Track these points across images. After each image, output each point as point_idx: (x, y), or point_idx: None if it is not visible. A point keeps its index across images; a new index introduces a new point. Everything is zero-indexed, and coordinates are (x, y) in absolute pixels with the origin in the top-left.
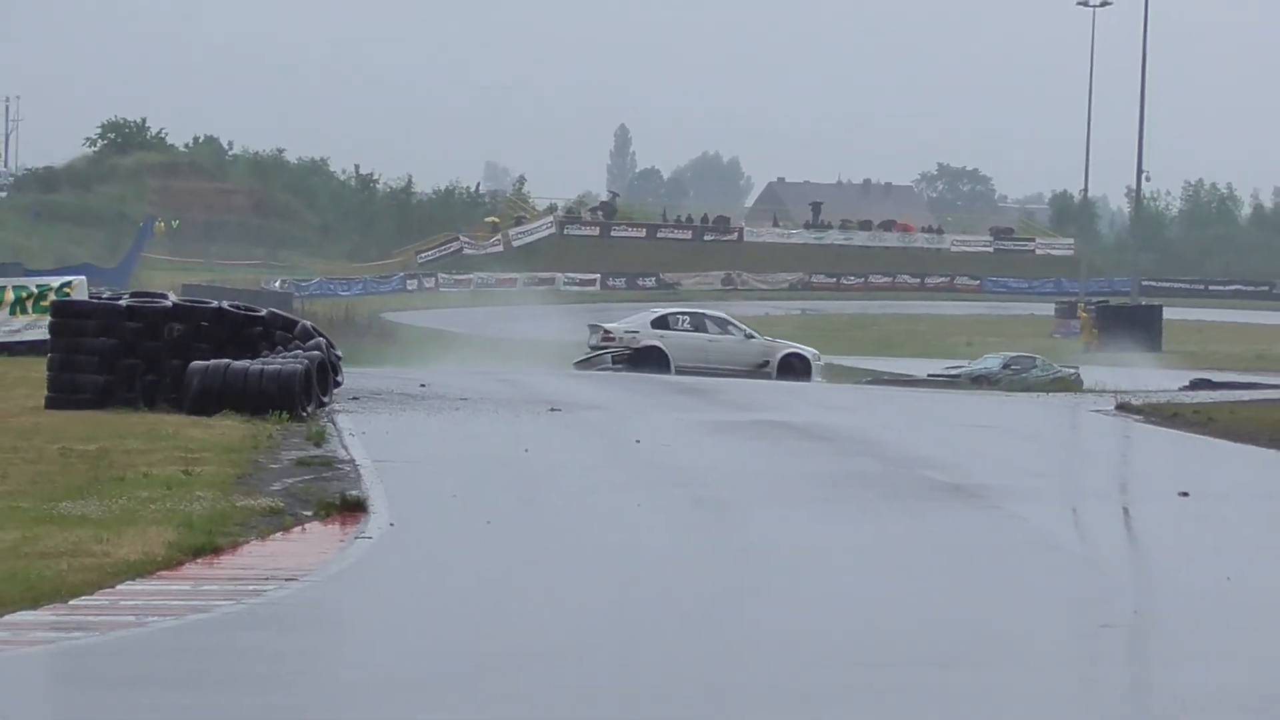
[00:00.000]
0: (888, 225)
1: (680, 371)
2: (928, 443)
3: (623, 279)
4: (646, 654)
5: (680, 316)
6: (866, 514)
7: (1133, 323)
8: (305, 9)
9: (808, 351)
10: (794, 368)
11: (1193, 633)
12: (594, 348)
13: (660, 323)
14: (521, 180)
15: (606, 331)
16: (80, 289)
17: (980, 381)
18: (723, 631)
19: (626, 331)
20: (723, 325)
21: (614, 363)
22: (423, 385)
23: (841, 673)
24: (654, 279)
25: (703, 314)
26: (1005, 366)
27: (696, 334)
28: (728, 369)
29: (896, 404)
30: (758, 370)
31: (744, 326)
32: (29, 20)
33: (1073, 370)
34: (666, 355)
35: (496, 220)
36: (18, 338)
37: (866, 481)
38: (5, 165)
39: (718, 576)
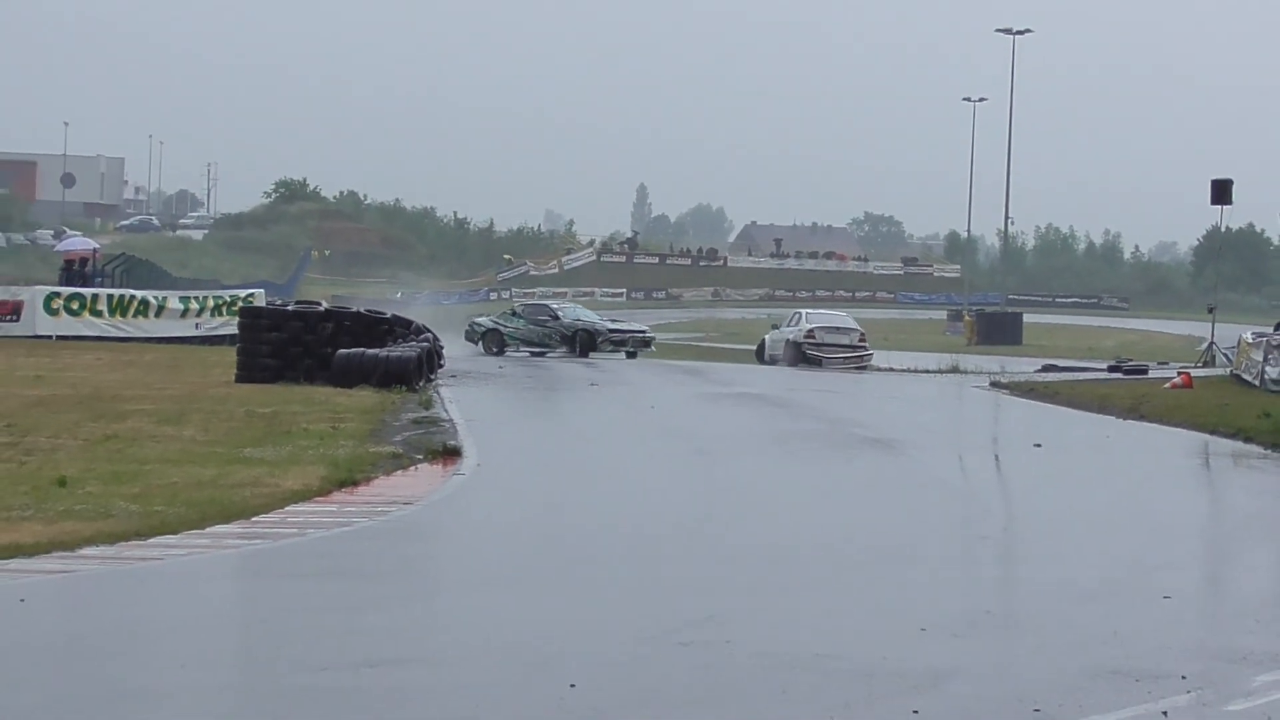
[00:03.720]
0: (829, 255)
1: None
2: (855, 409)
3: (642, 292)
4: (659, 556)
5: None
6: (813, 459)
7: (1001, 325)
8: (418, 94)
9: None
10: None
11: (1045, 543)
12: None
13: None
14: (571, 223)
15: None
16: (260, 299)
17: None
18: (712, 541)
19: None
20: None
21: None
22: (500, 368)
23: (801, 569)
24: (664, 293)
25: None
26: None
27: None
28: None
29: (829, 381)
30: None
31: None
32: (220, 105)
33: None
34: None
35: (510, 257)
36: (216, 333)
37: (813, 436)
38: (208, 211)
39: (710, 501)
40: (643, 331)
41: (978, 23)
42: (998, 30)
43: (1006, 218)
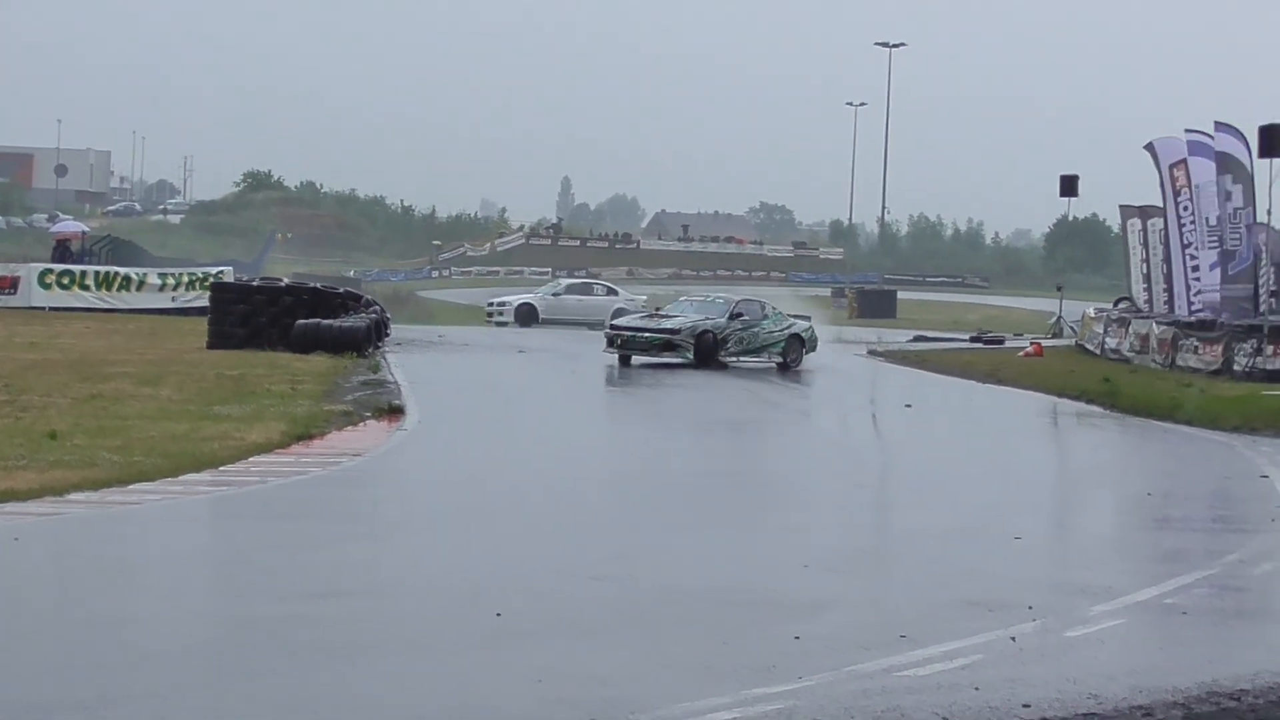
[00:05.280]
0: (729, 239)
1: None
2: (748, 375)
3: (565, 271)
4: (576, 501)
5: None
6: (712, 417)
7: (878, 301)
8: (364, 94)
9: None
10: None
11: (914, 490)
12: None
13: None
14: (504, 210)
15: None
16: (229, 275)
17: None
18: (623, 488)
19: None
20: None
21: None
22: (440, 336)
23: (700, 513)
24: (584, 271)
25: None
26: (734, 316)
27: None
28: None
29: None
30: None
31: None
32: (195, 104)
33: (806, 322)
34: None
35: (439, 243)
36: (190, 305)
37: (712, 398)
38: (184, 199)
39: (621, 453)
40: (674, 331)
41: (859, 37)
42: (876, 44)
43: (884, 207)
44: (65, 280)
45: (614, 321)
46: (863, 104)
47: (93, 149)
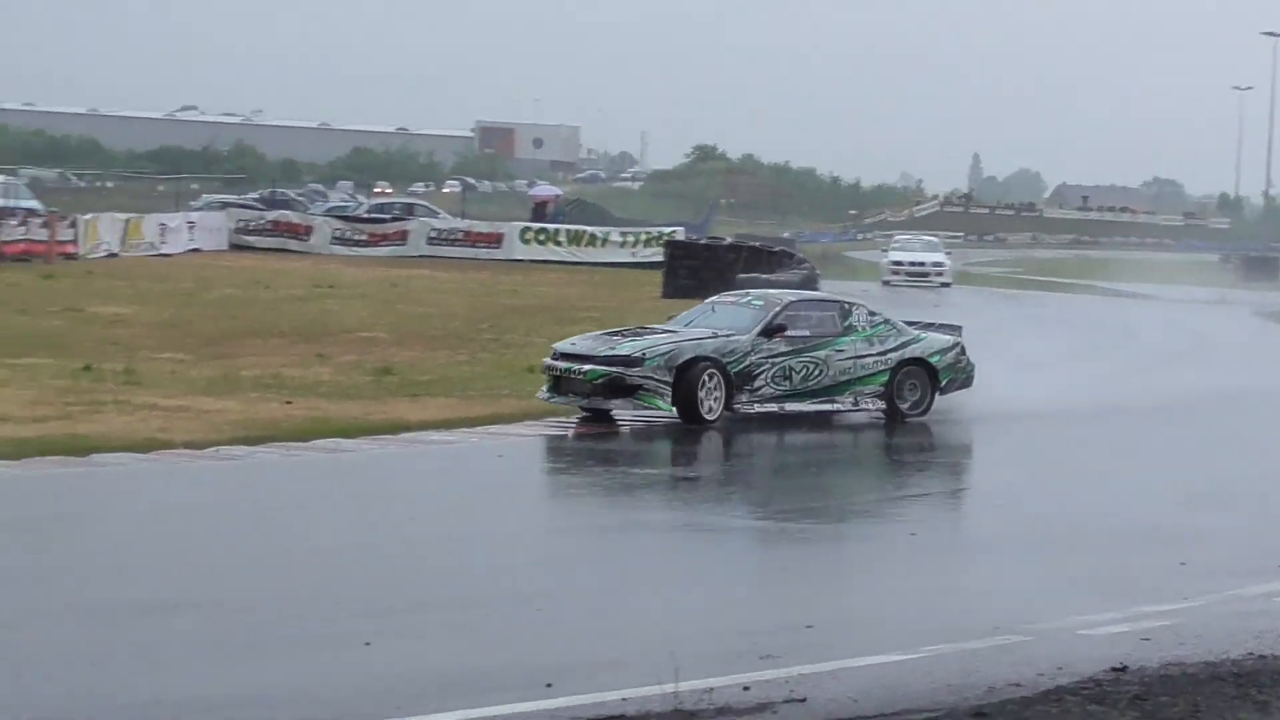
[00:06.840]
0: (1124, 209)
1: None
2: (1151, 330)
3: (975, 235)
4: (978, 431)
5: None
6: (1136, 379)
7: (1262, 266)
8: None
9: None
10: None
11: None
12: None
13: None
14: (920, 181)
15: None
16: (680, 235)
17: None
18: (1026, 428)
19: None
20: None
21: None
22: (864, 291)
23: (1091, 458)
24: (992, 236)
25: None
26: (770, 331)
27: None
28: None
29: (1097, 307)
30: None
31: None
32: (650, 84)
33: (947, 339)
34: None
35: (855, 211)
36: (647, 260)
37: (1128, 356)
38: (642, 168)
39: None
40: (630, 361)
41: (1246, 26)
42: (1262, 33)
43: (1268, 181)
44: (541, 237)
45: (558, 346)
46: (1249, 88)
47: (565, 124)
